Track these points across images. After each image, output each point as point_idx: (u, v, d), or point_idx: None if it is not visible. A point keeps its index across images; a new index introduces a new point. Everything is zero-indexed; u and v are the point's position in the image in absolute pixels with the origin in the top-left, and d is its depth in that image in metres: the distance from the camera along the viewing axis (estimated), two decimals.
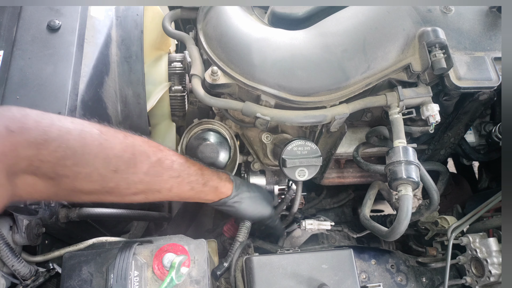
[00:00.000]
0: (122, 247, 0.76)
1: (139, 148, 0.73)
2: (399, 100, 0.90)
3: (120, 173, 0.70)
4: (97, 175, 0.68)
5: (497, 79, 0.89)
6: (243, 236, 0.98)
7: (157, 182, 0.77)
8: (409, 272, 1.07)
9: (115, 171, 0.69)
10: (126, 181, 0.72)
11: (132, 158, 0.71)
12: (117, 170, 0.69)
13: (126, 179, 0.71)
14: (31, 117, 0.61)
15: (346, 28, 0.90)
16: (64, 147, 0.62)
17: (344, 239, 1.27)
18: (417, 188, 0.85)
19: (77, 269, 0.76)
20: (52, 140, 0.61)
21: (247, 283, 0.85)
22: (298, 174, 0.95)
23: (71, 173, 0.65)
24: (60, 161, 0.62)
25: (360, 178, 1.24)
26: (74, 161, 0.64)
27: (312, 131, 1.02)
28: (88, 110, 0.88)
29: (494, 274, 0.90)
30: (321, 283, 0.82)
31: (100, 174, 0.68)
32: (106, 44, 0.99)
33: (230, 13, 0.94)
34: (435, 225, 1.14)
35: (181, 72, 1.17)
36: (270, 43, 0.89)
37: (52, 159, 0.61)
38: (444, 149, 1.19)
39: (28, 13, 0.90)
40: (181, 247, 0.77)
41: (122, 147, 0.70)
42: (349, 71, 0.87)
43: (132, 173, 0.72)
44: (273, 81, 0.86)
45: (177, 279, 0.73)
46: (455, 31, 0.95)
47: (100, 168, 0.67)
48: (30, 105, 0.81)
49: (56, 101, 0.82)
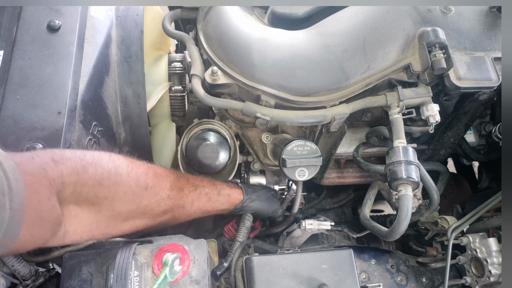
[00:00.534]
0: (122, 247, 0.76)
1: (157, 169, 0.82)
2: (399, 100, 0.90)
3: (150, 189, 0.78)
4: (131, 193, 0.75)
5: (497, 79, 0.89)
6: (243, 236, 0.98)
7: (180, 197, 0.85)
8: (409, 272, 1.07)
9: (145, 188, 0.77)
10: (156, 197, 0.79)
11: (157, 176, 0.80)
12: (147, 187, 0.77)
13: (155, 196, 0.79)
14: (67, 151, 0.69)
15: (346, 28, 0.90)
16: (101, 170, 0.70)
17: (344, 239, 1.27)
18: (417, 188, 0.85)
19: (77, 269, 0.76)
20: (89, 165, 0.68)
21: (247, 283, 0.85)
22: (298, 174, 0.95)
23: (109, 193, 0.71)
24: (99, 182, 0.69)
25: (360, 178, 1.24)
26: (111, 181, 0.71)
27: (312, 131, 1.02)
28: (88, 110, 0.88)
29: (494, 274, 0.90)
30: (321, 283, 0.82)
31: (134, 192, 0.75)
32: (106, 44, 0.99)
33: (230, 13, 0.94)
34: (435, 225, 1.14)
35: (181, 72, 1.17)
36: (270, 43, 0.89)
37: (92, 182, 0.68)
38: (444, 149, 1.19)
39: (28, 13, 0.90)
40: (181, 247, 0.77)
41: (145, 168, 0.79)
42: (349, 71, 0.87)
43: (160, 189, 0.80)
44: (273, 81, 0.86)
45: (171, 276, 0.73)
46: (455, 31, 0.95)
47: (133, 185, 0.75)
48: (30, 105, 0.81)
49: (56, 101, 0.82)
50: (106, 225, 0.75)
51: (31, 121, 0.80)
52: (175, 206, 0.84)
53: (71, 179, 0.65)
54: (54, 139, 0.79)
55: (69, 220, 0.68)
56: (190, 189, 0.87)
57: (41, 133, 0.79)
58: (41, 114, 0.81)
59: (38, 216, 0.59)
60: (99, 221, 0.73)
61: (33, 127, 0.79)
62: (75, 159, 0.67)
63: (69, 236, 0.70)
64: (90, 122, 0.89)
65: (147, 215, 0.80)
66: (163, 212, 0.82)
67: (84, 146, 0.86)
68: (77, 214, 0.69)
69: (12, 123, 0.79)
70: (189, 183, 0.87)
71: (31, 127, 0.79)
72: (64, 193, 0.65)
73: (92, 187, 0.68)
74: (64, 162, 0.65)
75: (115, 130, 1.00)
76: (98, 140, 0.92)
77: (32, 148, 0.76)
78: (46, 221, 0.61)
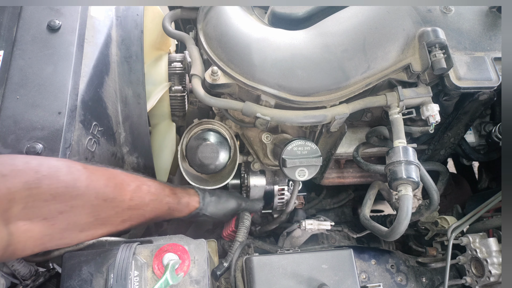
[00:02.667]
0: (122, 247, 0.76)
1: (120, 177, 0.80)
2: (399, 100, 0.90)
3: (109, 202, 0.75)
4: (89, 207, 0.71)
5: (497, 79, 0.89)
6: (243, 236, 0.98)
7: (141, 206, 0.82)
8: (409, 272, 1.07)
9: (105, 201, 0.74)
10: (115, 209, 0.76)
11: (117, 187, 0.77)
12: (107, 199, 0.74)
13: (115, 208, 0.76)
14: (20, 160, 0.63)
15: (346, 28, 0.90)
16: (57, 183, 0.64)
17: (344, 239, 1.27)
18: (417, 188, 0.85)
19: (77, 269, 0.76)
20: (44, 178, 0.63)
21: (247, 283, 0.85)
22: (298, 174, 0.95)
23: (65, 207, 0.67)
24: (54, 197, 0.64)
25: (360, 178, 1.24)
26: (67, 195, 0.66)
27: (312, 131, 1.02)
28: (88, 110, 0.88)
29: (494, 274, 0.90)
30: (321, 283, 0.82)
31: (92, 205, 0.72)
32: (106, 44, 0.98)
33: (230, 13, 0.94)
34: (435, 225, 1.14)
35: (181, 72, 1.17)
36: (270, 43, 0.89)
37: (46, 197, 0.63)
38: (444, 149, 1.19)
39: (28, 13, 0.90)
40: (181, 247, 0.77)
41: (106, 178, 0.75)
42: (349, 71, 0.87)
43: (120, 201, 0.77)
44: (273, 81, 0.86)
45: (173, 280, 0.73)
46: (455, 31, 0.95)
47: (92, 199, 0.71)
48: (30, 105, 0.81)
49: (56, 101, 0.82)
50: (60, 237, 0.71)
51: (31, 121, 0.80)
52: (134, 215, 0.82)
53: (22, 194, 0.59)
54: (54, 139, 0.79)
55: (18, 237, 0.62)
56: (151, 199, 0.85)
57: (41, 133, 0.79)
58: (41, 114, 0.81)
59: None
60: (53, 234, 0.68)
61: (33, 127, 0.79)
62: (27, 171, 0.61)
63: (19, 253, 0.65)
64: (90, 122, 0.89)
65: (106, 225, 0.77)
66: (122, 222, 0.80)
67: (84, 146, 0.87)
68: (27, 229, 0.63)
69: (12, 123, 0.79)
70: (150, 192, 0.85)
71: (31, 127, 0.79)
72: (13, 211, 0.59)
73: (45, 202, 0.63)
74: (14, 175, 0.59)
75: (115, 130, 1.01)
76: (98, 140, 0.92)
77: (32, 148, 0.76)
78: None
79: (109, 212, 0.76)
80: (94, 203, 0.72)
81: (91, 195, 0.71)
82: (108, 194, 0.74)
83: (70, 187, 0.67)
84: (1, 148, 0.77)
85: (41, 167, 0.64)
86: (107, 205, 0.74)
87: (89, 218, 0.72)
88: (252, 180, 1.10)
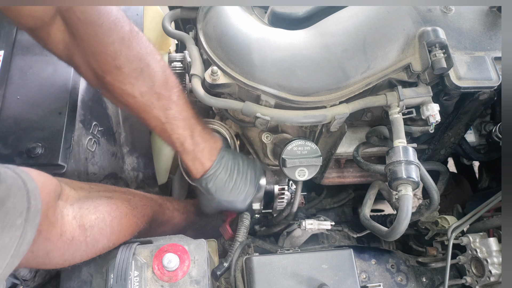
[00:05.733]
0: (122, 247, 0.76)
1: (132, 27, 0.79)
2: (399, 100, 0.90)
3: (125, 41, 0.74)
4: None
5: (497, 79, 0.89)
6: (243, 236, 0.98)
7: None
8: (409, 272, 1.07)
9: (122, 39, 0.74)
10: (127, 52, 0.75)
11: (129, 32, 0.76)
12: (123, 38, 0.74)
13: (128, 48, 0.75)
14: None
15: (346, 28, 0.90)
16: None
17: (344, 239, 1.27)
18: (417, 188, 0.85)
19: (76, 270, 0.76)
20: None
21: (247, 283, 0.85)
22: (298, 174, 0.95)
23: (91, 31, 0.69)
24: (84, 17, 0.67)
25: (360, 178, 1.24)
26: (94, 22, 0.68)
27: (312, 131, 1.02)
28: (88, 110, 0.88)
29: (494, 274, 0.90)
30: (321, 283, 0.82)
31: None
32: None
33: (230, 13, 0.94)
34: (435, 225, 1.14)
35: (181, 72, 1.17)
36: (270, 43, 0.88)
37: (81, 16, 0.67)
38: (444, 149, 1.19)
39: None
40: (181, 247, 0.78)
41: (129, 27, 0.76)
42: (349, 70, 0.87)
43: (137, 42, 0.77)
44: (273, 81, 0.86)
45: None
46: (455, 31, 0.95)
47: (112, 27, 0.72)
48: (30, 105, 0.81)
49: (57, 101, 0.82)
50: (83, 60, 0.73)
51: (32, 121, 0.80)
52: (144, 67, 0.79)
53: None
54: (55, 139, 0.79)
55: (55, 32, 0.68)
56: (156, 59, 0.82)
57: (41, 133, 0.79)
58: (41, 114, 0.81)
59: None
60: (76, 52, 0.72)
61: (33, 127, 0.80)
62: None
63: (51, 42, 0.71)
64: (90, 122, 0.89)
65: (120, 71, 0.76)
66: (133, 77, 0.78)
67: (84, 146, 0.87)
68: (64, 30, 0.69)
69: (13, 123, 0.80)
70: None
71: (32, 127, 0.79)
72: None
73: (78, 20, 0.68)
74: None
75: (115, 130, 1.01)
76: (98, 140, 0.92)
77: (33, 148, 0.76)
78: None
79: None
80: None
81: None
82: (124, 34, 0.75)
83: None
84: (2, 149, 0.77)
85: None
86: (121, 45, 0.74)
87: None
88: None
